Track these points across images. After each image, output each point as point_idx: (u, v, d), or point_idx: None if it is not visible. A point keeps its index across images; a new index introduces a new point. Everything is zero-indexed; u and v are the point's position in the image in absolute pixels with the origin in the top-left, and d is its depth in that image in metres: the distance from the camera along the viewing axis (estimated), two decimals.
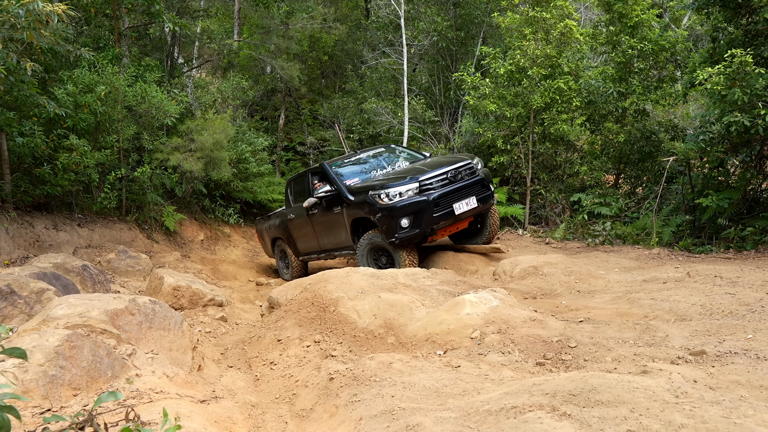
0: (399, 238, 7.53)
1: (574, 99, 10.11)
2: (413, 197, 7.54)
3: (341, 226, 8.50)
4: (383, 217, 7.59)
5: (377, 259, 8.14)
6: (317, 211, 8.91)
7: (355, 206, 8.07)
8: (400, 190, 7.58)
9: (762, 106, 6.74)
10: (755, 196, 8.44)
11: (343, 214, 8.37)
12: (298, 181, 9.87)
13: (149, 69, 10.85)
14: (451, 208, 7.65)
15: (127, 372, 4.16)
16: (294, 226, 9.70)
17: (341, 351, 5.00)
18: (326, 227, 8.87)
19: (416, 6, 14.74)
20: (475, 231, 8.80)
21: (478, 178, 8.04)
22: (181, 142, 10.36)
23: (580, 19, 15.32)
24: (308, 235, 9.40)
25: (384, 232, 7.62)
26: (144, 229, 10.31)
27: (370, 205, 7.74)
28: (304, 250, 9.80)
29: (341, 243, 8.77)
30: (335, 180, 8.60)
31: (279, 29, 14.48)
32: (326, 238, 9.02)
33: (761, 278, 5.44)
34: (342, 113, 16.09)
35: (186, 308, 7.34)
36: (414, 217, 7.50)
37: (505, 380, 3.69)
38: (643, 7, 9.94)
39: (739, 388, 3.10)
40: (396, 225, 7.51)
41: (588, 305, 5.61)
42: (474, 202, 7.82)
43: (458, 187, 7.77)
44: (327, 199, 8.62)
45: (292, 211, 9.71)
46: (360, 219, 8.12)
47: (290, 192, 10.03)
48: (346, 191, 8.28)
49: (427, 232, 7.60)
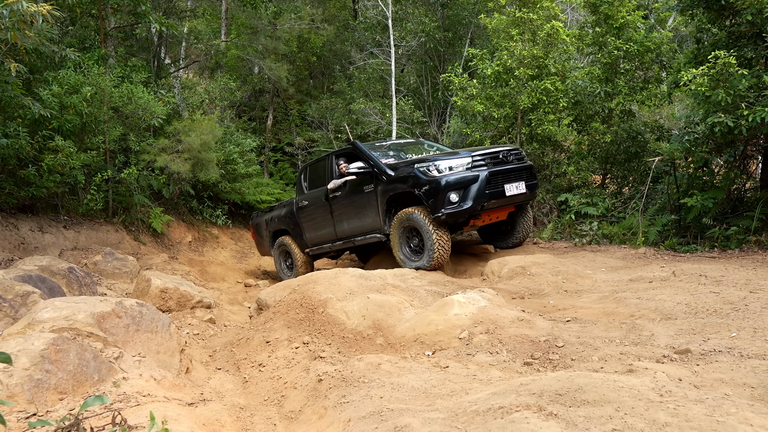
0: (446, 214, 7.11)
1: (560, 100, 10.18)
2: (464, 172, 7.21)
3: (370, 207, 8.06)
4: (430, 190, 7.17)
5: (410, 240, 7.71)
6: (340, 194, 8.50)
7: (395, 181, 7.62)
8: (451, 164, 7.25)
9: (745, 107, 6.82)
10: (739, 196, 8.54)
11: (375, 193, 7.92)
12: (316, 166, 9.45)
13: (136, 69, 10.78)
14: (503, 188, 7.35)
15: (114, 375, 4.13)
16: (306, 214, 9.27)
17: (330, 352, 5.00)
18: (350, 210, 8.42)
19: (404, 7, 14.77)
20: (505, 231, 8.54)
21: (528, 164, 7.88)
22: (168, 143, 10.30)
23: (566, 20, 15.43)
24: (323, 222, 8.95)
25: (430, 206, 7.18)
26: (131, 230, 10.24)
27: (416, 178, 7.33)
28: (314, 241, 9.30)
29: (367, 227, 8.28)
30: (370, 156, 8.17)
31: (267, 29, 14.45)
32: (348, 223, 8.54)
33: (745, 277, 5.51)
34: (330, 114, 16.08)
35: (174, 310, 7.30)
36: (464, 192, 7.12)
37: (493, 380, 3.71)
38: (629, 9, 10.03)
39: (723, 386, 3.14)
40: (444, 199, 7.10)
41: (575, 305, 5.65)
42: (523, 187, 7.56)
43: (510, 168, 7.52)
44: (356, 179, 8.19)
45: (305, 198, 9.31)
46: (397, 196, 7.71)
47: (304, 178, 9.62)
48: (385, 166, 7.86)
49: (477, 209, 7.20)
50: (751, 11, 6.84)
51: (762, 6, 6.73)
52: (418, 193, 7.26)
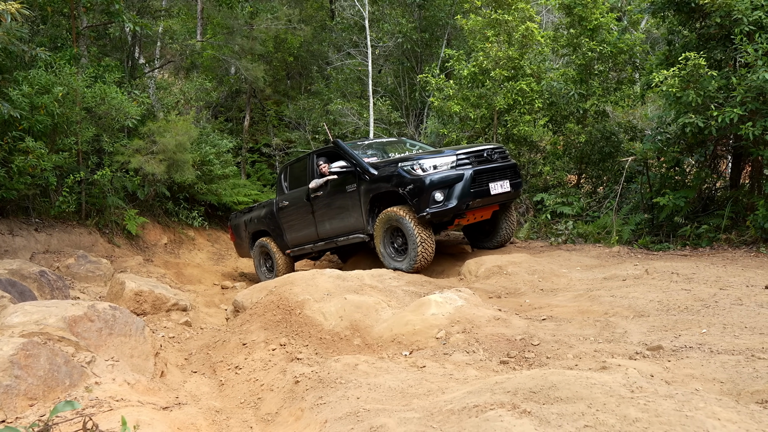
0: (430, 213, 7.05)
1: (536, 100, 10.28)
2: (449, 171, 7.15)
3: (353, 207, 7.94)
4: (415, 189, 7.10)
5: (393, 241, 7.61)
6: (322, 193, 8.36)
7: (379, 180, 7.52)
8: (435, 163, 7.18)
9: (714, 108, 6.97)
10: (710, 195, 8.72)
11: (358, 192, 7.81)
12: (296, 165, 9.26)
13: (109, 69, 10.61)
14: (487, 186, 7.30)
15: (86, 380, 4.06)
16: (287, 214, 9.11)
17: (307, 354, 4.99)
18: (332, 210, 8.29)
19: (381, 8, 14.77)
20: (489, 231, 8.46)
21: (512, 162, 7.86)
22: (142, 144, 10.16)
23: (541, 22, 15.59)
24: (304, 223, 8.80)
25: (414, 206, 7.11)
26: (105, 233, 10.08)
27: (400, 177, 7.26)
28: (295, 242, 9.13)
29: (350, 227, 8.13)
30: (353, 155, 8.02)
31: (243, 30, 14.33)
32: (330, 223, 8.40)
33: (715, 274, 5.62)
34: (308, 114, 16.02)
35: (149, 313, 7.20)
36: (449, 191, 7.07)
37: (470, 379, 3.73)
38: (602, 11, 10.17)
39: (694, 381, 3.20)
40: (429, 198, 7.03)
41: (551, 303, 5.71)
42: (507, 185, 7.53)
43: (494, 167, 7.48)
44: (338, 179, 8.05)
45: (286, 198, 9.14)
46: (381, 195, 7.61)
47: (285, 178, 9.41)
48: (368, 165, 7.73)
49: (462, 208, 7.15)
50: (720, 14, 6.99)
51: (730, 9, 6.88)
52: (402, 193, 7.19)
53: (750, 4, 6.82)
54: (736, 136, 7.60)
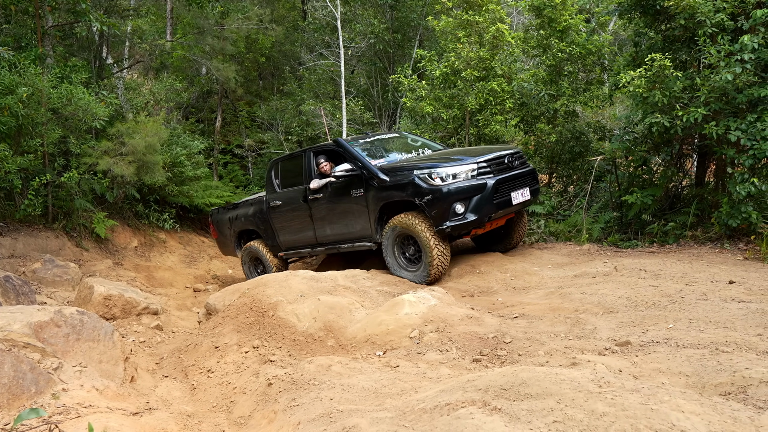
0: (451, 227, 6.59)
1: (507, 101, 10.38)
2: (470, 180, 6.64)
3: (359, 213, 7.41)
4: (433, 200, 6.58)
5: (404, 250, 7.16)
6: (322, 195, 7.80)
7: (391, 188, 6.99)
8: (454, 171, 6.65)
9: (679, 108, 7.13)
10: (676, 193, 8.91)
11: (365, 199, 7.26)
12: (289, 162, 8.63)
13: (75, 69, 10.39)
14: (509, 196, 6.87)
15: (53, 387, 3.97)
16: (280, 215, 8.53)
17: (280, 356, 4.96)
18: (334, 215, 7.75)
19: (353, 8, 14.76)
20: (500, 235, 8.02)
21: (530, 168, 7.47)
22: (111, 146, 9.97)
23: (512, 23, 15.75)
24: (301, 225, 8.25)
25: (433, 218, 6.63)
26: (72, 236, 9.87)
27: (416, 186, 6.72)
28: (290, 245, 8.60)
29: (355, 234, 7.60)
30: (360, 158, 7.45)
31: (214, 30, 14.18)
32: (332, 228, 7.86)
33: (681, 270, 5.75)
34: (280, 115, 15.92)
35: (119, 318, 7.08)
36: (470, 202, 6.59)
37: (442, 378, 3.75)
38: (571, 13, 10.32)
39: (660, 375, 3.27)
40: (449, 211, 6.56)
41: (523, 301, 5.77)
42: (528, 193, 7.17)
43: (516, 174, 7.05)
44: (342, 182, 7.52)
45: (279, 197, 8.53)
46: (391, 204, 7.11)
47: (275, 175, 8.75)
48: (378, 170, 7.20)
49: (483, 221, 6.72)
50: (684, 16, 7.15)
51: (693, 11, 7.04)
52: (419, 203, 6.71)
53: (713, 6, 6.99)
54: (701, 135, 7.78)
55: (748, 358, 3.26)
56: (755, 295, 4.69)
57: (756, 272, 5.58)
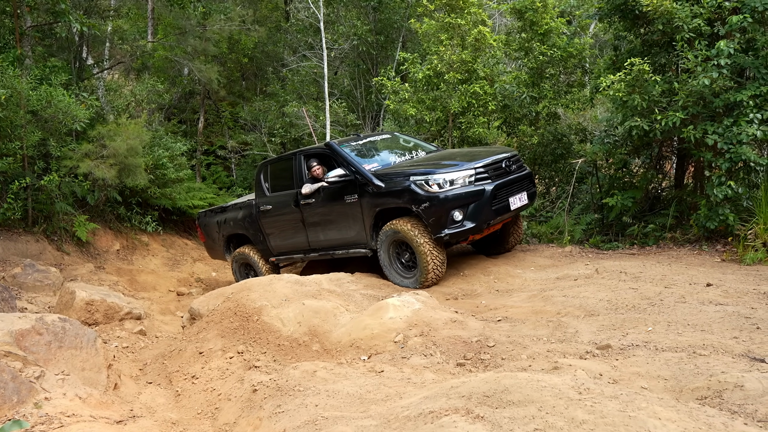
0: (449, 234, 6.51)
1: (489, 103, 10.46)
2: (467, 186, 6.55)
3: (353, 220, 7.29)
4: (431, 207, 6.48)
5: (399, 256, 7.04)
6: (314, 200, 7.65)
7: (386, 195, 6.87)
8: (452, 177, 6.55)
9: (658, 112, 7.24)
10: (656, 194, 9.06)
11: (360, 205, 7.14)
12: (279, 165, 8.45)
13: (55, 71, 10.26)
14: (507, 201, 6.79)
15: (35, 396, 3.95)
16: (270, 219, 8.35)
17: (265, 361, 4.96)
18: (327, 221, 7.61)
19: (336, 10, 14.75)
20: (496, 240, 7.90)
21: (527, 171, 7.40)
22: (92, 149, 9.86)
23: (494, 25, 15.85)
24: (293, 230, 8.08)
25: (430, 225, 6.54)
26: (53, 240, 9.75)
27: (412, 193, 6.60)
28: (281, 250, 8.44)
29: (349, 240, 7.49)
30: (353, 163, 7.29)
31: (196, 30, 14.07)
32: (325, 234, 7.73)
33: (660, 273, 5.86)
34: (264, 116, 15.86)
35: (101, 323, 7.02)
36: (468, 209, 6.51)
37: (427, 383, 3.79)
38: (552, 16, 10.43)
39: (640, 379, 3.34)
40: (447, 218, 6.46)
41: (506, 304, 5.84)
42: (525, 197, 7.10)
43: (514, 178, 6.96)
44: (335, 187, 7.36)
45: (269, 201, 8.34)
46: (386, 210, 6.98)
47: (265, 178, 8.55)
48: (372, 176, 7.06)
49: (482, 228, 6.66)
50: (662, 21, 7.26)
51: (671, 16, 7.16)
52: (417, 211, 6.61)
53: (690, 12, 7.12)
54: (680, 138, 7.91)
55: (724, 361, 3.35)
56: (731, 297, 4.80)
57: (733, 274, 5.70)
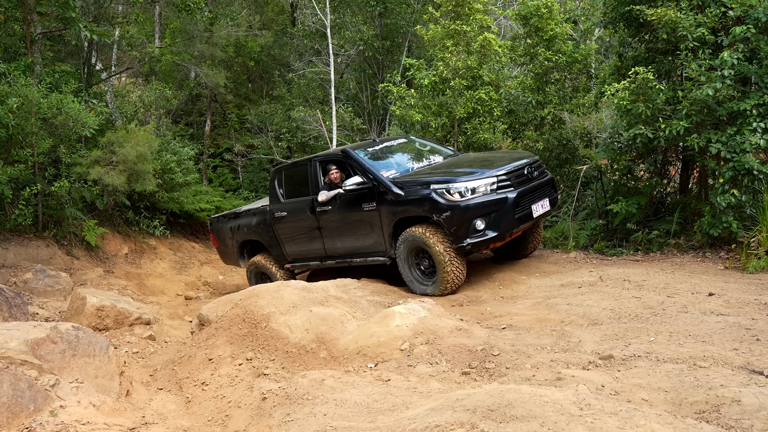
0: (471, 244, 6.45)
1: (495, 109, 10.53)
2: (489, 194, 6.47)
3: (372, 228, 7.20)
4: (452, 217, 6.39)
5: (419, 263, 7.00)
6: (331, 208, 7.57)
7: (406, 203, 6.79)
8: (473, 185, 6.45)
9: (662, 120, 7.29)
10: (661, 200, 9.10)
11: (379, 212, 7.04)
12: (293, 171, 8.34)
13: (65, 77, 10.40)
14: (530, 209, 6.72)
15: (50, 404, 4.05)
16: (285, 226, 8.26)
17: (274, 368, 5.05)
18: (344, 228, 7.53)
19: (342, 15, 14.85)
20: (515, 245, 7.77)
21: (549, 177, 7.34)
22: (101, 155, 10.00)
23: (500, 29, 15.90)
24: (309, 237, 8.02)
25: (451, 235, 6.46)
26: (63, 245, 9.89)
27: (433, 202, 6.50)
28: (297, 256, 8.39)
29: (367, 248, 7.39)
30: (371, 170, 7.18)
31: (203, 36, 14.21)
32: (342, 241, 7.65)
33: (664, 281, 5.91)
34: (270, 119, 15.99)
35: (111, 328, 7.13)
36: (490, 218, 6.42)
37: (433, 393, 3.87)
38: (557, 22, 10.49)
39: (641, 390, 3.41)
40: (469, 227, 6.39)
41: (510, 311, 5.91)
42: (548, 204, 7.03)
43: (536, 185, 6.89)
44: (352, 194, 7.25)
45: (284, 208, 8.26)
46: (407, 219, 6.90)
47: (279, 184, 8.44)
48: (391, 184, 6.96)
49: (504, 237, 6.60)
50: (666, 30, 7.32)
51: (675, 25, 7.21)
52: (438, 220, 6.52)
53: (694, 21, 7.16)
54: (685, 146, 7.96)
55: (724, 373, 3.42)
56: (733, 308, 4.86)
57: (735, 283, 5.75)
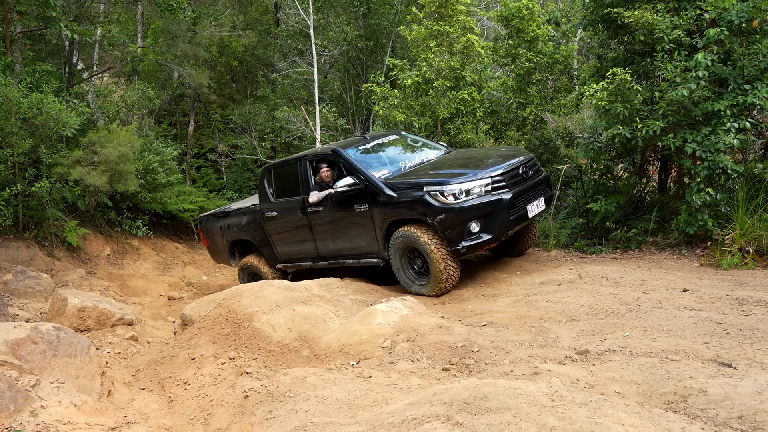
0: (466, 247, 6.38)
1: (477, 109, 10.63)
2: (484, 196, 6.36)
3: (364, 229, 7.12)
4: (447, 220, 6.29)
5: (412, 263, 6.94)
6: (323, 208, 7.46)
7: (399, 205, 6.69)
8: (468, 187, 6.34)
9: (639, 121, 7.43)
10: (640, 198, 9.25)
11: (371, 214, 6.96)
12: (283, 170, 8.22)
13: (45, 76, 10.32)
14: (525, 210, 6.63)
15: (31, 404, 4.05)
16: (276, 226, 8.17)
17: (256, 367, 5.09)
18: (336, 229, 7.43)
19: (326, 16, 14.88)
20: (509, 242, 7.69)
21: (545, 175, 7.26)
22: (83, 155, 9.93)
23: (483, 29, 16.03)
24: (300, 237, 7.92)
25: (446, 238, 6.38)
26: (44, 246, 9.81)
27: (427, 204, 6.39)
28: (288, 256, 8.31)
29: (360, 249, 7.33)
30: (363, 171, 7.07)
31: (186, 36, 14.15)
32: (334, 243, 7.58)
33: (640, 278, 6.04)
34: (254, 120, 15.97)
35: (93, 329, 7.10)
36: (485, 220, 6.33)
37: (413, 389, 3.94)
38: (539, 23, 10.62)
39: (614, 383, 3.50)
40: (463, 230, 6.30)
41: (491, 309, 5.99)
42: (543, 203, 6.97)
43: (531, 185, 6.80)
44: (344, 195, 7.17)
45: (274, 207, 8.15)
46: (400, 221, 6.80)
47: (269, 183, 8.35)
48: (384, 185, 6.86)
49: (500, 238, 6.51)
50: (643, 32, 7.46)
51: (652, 27, 7.35)
52: (432, 222, 6.41)
53: (670, 23, 7.31)
54: (663, 145, 8.11)
55: (694, 366, 3.52)
56: (705, 303, 4.98)
57: (709, 279, 5.89)
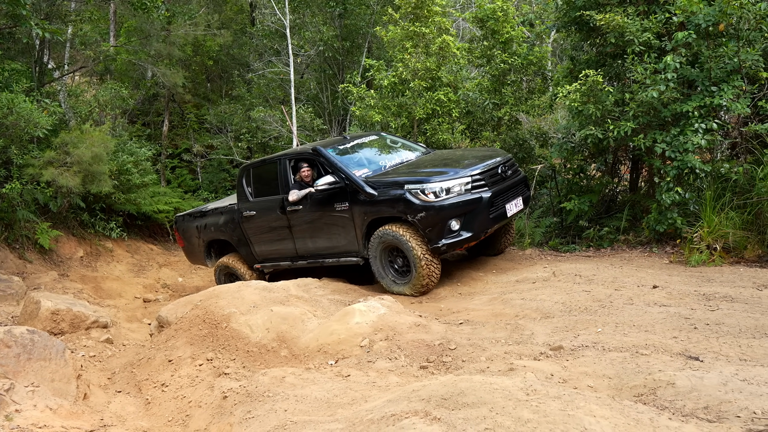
0: (446, 245, 6.46)
1: (453, 110, 10.73)
2: (464, 194, 6.47)
3: (344, 228, 7.15)
4: (427, 218, 6.38)
5: (392, 261, 6.95)
6: (302, 207, 7.46)
7: (379, 203, 6.73)
8: (448, 185, 6.44)
9: (611, 122, 7.60)
10: (612, 197, 9.45)
11: (351, 213, 6.98)
12: (262, 169, 8.20)
13: (15, 75, 10.12)
14: (504, 209, 6.77)
15: (5, 408, 4.01)
16: (255, 226, 8.13)
17: (234, 368, 5.09)
18: (316, 228, 7.44)
19: (302, 16, 14.86)
20: (487, 242, 7.76)
21: (522, 176, 7.42)
22: (55, 156, 9.76)
23: (458, 32, 16.17)
24: (279, 237, 7.91)
25: (426, 236, 6.44)
26: (15, 248, 9.63)
27: (407, 203, 6.47)
28: (267, 256, 8.27)
29: (340, 248, 7.35)
30: (343, 169, 7.11)
31: (160, 35, 13.99)
32: (314, 242, 7.57)
33: (612, 275, 6.18)
34: (229, 119, 15.86)
35: (67, 332, 7.01)
36: (465, 218, 6.44)
37: (391, 386, 3.99)
38: (513, 25, 10.76)
39: (587, 378, 3.60)
40: (444, 228, 6.39)
41: (468, 307, 6.08)
42: (521, 203, 7.11)
43: (510, 184, 6.94)
44: (324, 194, 7.17)
45: (252, 207, 8.12)
46: (381, 219, 6.83)
47: (248, 182, 8.30)
48: (364, 183, 6.91)
49: (479, 237, 6.63)
50: (614, 34, 7.63)
51: (623, 30, 7.52)
52: (412, 220, 6.49)
53: (640, 26, 7.49)
54: (634, 145, 8.29)
55: (663, 360, 3.64)
56: (675, 299, 5.13)
57: (678, 276, 6.06)
